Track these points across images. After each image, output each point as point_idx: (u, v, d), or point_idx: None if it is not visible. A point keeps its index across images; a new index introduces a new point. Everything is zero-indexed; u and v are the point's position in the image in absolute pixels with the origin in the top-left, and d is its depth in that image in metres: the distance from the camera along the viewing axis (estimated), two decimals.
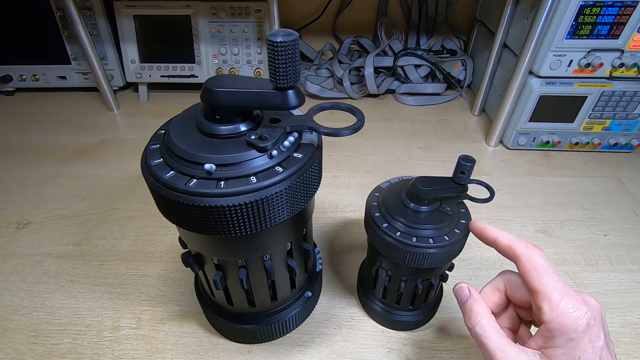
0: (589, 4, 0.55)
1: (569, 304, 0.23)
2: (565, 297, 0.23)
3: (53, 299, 0.45)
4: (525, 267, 0.25)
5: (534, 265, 0.25)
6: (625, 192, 0.61)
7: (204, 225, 0.27)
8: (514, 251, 0.26)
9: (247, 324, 0.38)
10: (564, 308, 0.23)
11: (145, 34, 0.79)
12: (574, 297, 0.23)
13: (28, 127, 0.77)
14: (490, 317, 0.26)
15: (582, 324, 0.22)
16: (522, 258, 0.25)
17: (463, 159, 0.31)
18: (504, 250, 0.27)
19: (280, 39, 0.23)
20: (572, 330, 0.23)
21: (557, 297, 0.23)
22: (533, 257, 0.25)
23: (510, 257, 0.26)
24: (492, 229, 0.29)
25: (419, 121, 0.80)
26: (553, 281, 0.24)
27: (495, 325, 0.26)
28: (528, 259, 0.25)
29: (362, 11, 0.93)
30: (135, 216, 0.56)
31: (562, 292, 0.23)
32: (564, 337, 0.23)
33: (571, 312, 0.23)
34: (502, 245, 0.27)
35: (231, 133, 0.28)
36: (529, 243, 0.26)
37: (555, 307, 0.23)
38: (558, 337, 0.23)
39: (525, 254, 0.25)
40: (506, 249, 0.27)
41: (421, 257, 0.33)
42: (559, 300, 0.23)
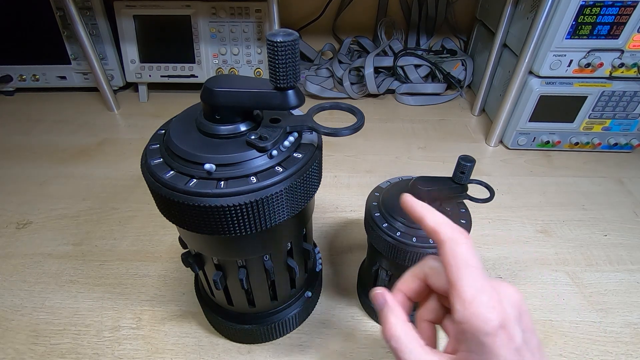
0: (589, 4, 0.55)
1: (482, 304, 0.20)
2: (480, 295, 0.20)
3: (53, 299, 0.45)
4: (447, 256, 0.22)
5: (455, 254, 0.22)
6: (625, 192, 0.61)
7: (204, 225, 0.27)
8: (438, 236, 0.23)
9: (247, 324, 0.38)
10: (476, 308, 0.20)
11: (145, 34, 0.79)
12: (489, 294, 0.20)
13: (28, 127, 0.77)
14: (405, 326, 0.24)
15: (493, 325, 0.20)
16: (445, 245, 0.22)
17: (463, 159, 0.31)
18: (430, 233, 0.24)
19: (280, 39, 0.23)
20: (483, 334, 0.20)
21: (470, 296, 0.20)
22: (456, 246, 0.22)
23: (435, 242, 0.23)
24: (422, 206, 0.25)
25: (419, 121, 0.80)
26: (471, 276, 0.21)
27: (410, 334, 0.23)
28: (450, 247, 0.22)
29: (362, 11, 0.93)
30: (135, 216, 0.56)
31: (477, 290, 0.20)
32: (475, 341, 0.20)
33: (483, 313, 0.20)
34: (427, 227, 0.24)
35: (231, 133, 0.28)
36: (457, 228, 0.23)
37: (468, 306, 0.20)
38: (469, 341, 0.20)
39: (449, 240, 0.22)
40: (431, 232, 0.23)
41: (421, 257, 0.33)
42: (472, 300, 0.20)
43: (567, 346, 0.41)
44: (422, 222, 0.24)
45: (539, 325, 0.43)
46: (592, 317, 0.44)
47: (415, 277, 0.26)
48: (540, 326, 0.43)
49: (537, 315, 0.44)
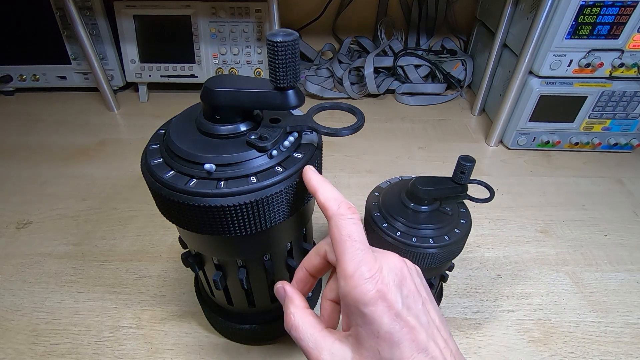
0: (589, 4, 0.55)
1: (361, 276, 0.20)
2: (361, 266, 0.20)
3: (53, 299, 0.45)
4: (332, 231, 0.22)
5: (340, 229, 0.21)
6: (625, 192, 0.61)
7: (204, 225, 0.27)
8: (327, 211, 0.22)
9: (247, 324, 0.38)
10: (356, 281, 0.20)
11: (145, 34, 0.79)
12: (369, 265, 0.20)
13: (28, 127, 0.77)
14: (303, 313, 0.24)
15: (372, 296, 0.19)
16: (331, 220, 0.22)
17: (463, 159, 0.31)
18: (321, 207, 0.23)
19: (280, 39, 0.23)
20: (362, 305, 0.20)
21: (351, 269, 0.20)
22: (341, 221, 0.21)
23: (326, 218, 0.23)
24: (317, 180, 0.25)
25: (419, 121, 0.80)
26: (352, 250, 0.21)
27: (307, 321, 0.23)
28: (336, 222, 0.22)
29: (362, 11, 0.93)
30: (135, 216, 0.56)
31: (358, 262, 0.20)
32: (358, 313, 0.20)
33: (362, 284, 0.20)
34: (319, 202, 0.23)
35: (231, 133, 0.28)
36: (344, 203, 0.22)
37: (349, 280, 0.20)
38: (354, 314, 0.20)
39: (335, 216, 0.22)
40: (322, 207, 0.23)
41: (421, 257, 0.33)
42: (352, 273, 0.20)
43: (567, 346, 0.41)
44: (315, 196, 0.24)
45: (539, 325, 0.43)
46: (592, 317, 0.44)
47: (316, 254, 0.26)
48: (540, 326, 0.43)
49: (537, 315, 0.44)
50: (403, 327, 0.20)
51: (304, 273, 0.27)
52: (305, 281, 0.27)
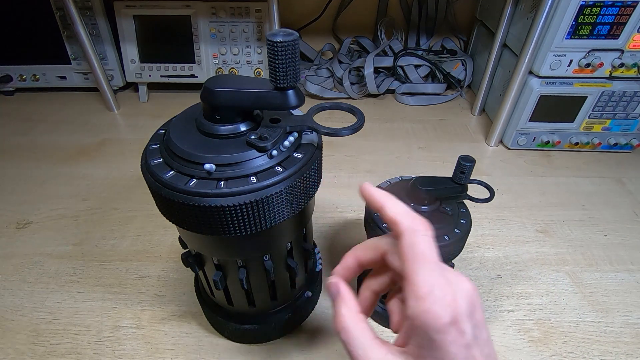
0: (589, 4, 0.55)
1: (435, 301, 0.19)
2: (434, 290, 0.20)
3: (53, 299, 0.45)
4: (404, 248, 0.21)
5: (413, 247, 0.21)
6: (625, 192, 0.61)
7: (204, 225, 0.27)
8: (397, 226, 0.22)
9: (247, 324, 0.38)
10: (429, 306, 0.19)
11: (145, 34, 0.79)
12: (443, 289, 0.20)
13: (28, 127, 0.77)
14: (356, 318, 0.23)
15: (444, 322, 0.19)
16: (403, 236, 0.21)
17: (463, 159, 0.31)
18: (389, 223, 0.23)
19: (280, 39, 0.23)
20: (433, 331, 0.19)
21: (424, 292, 0.20)
22: (415, 238, 0.21)
23: (394, 233, 0.22)
24: (382, 195, 0.24)
25: (419, 121, 0.80)
26: (426, 271, 0.20)
27: (360, 327, 0.22)
28: (409, 239, 0.21)
29: (362, 11, 0.93)
30: (135, 216, 0.56)
31: (431, 285, 0.20)
32: (426, 337, 0.19)
33: (435, 310, 0.19)
34: (387, 217, 0.23)
35: (231, 133, 0.28)
36: (417, 218, 0.22)
37: (421, 303, 0.19)
38: (420, 337, 0.20)
39: (408, 232, 0.21)
40: (391, 223, 0.22)
41: None
42: (425, 296, 0.19)
43: (567, 346, 0.41)
44: (382, 212, 0.23)
45: (539, 325, 0.43)
46: (592, 317, 0.44)
47: (374, 250, 0.26)
48: (540, 326, 0.43)
49: (537, 315, 0.44)
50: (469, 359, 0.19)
51: (354, 263, 0.26)
52: (352, 270, 0.27)
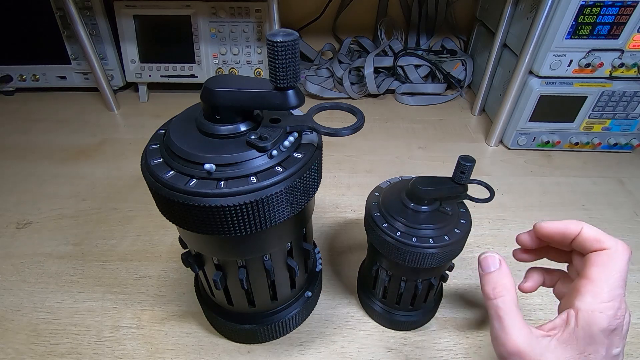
0: (589, 4, 0.55)
1: (611, 308, 0.23)
2: (614, 302, 0.23)
3: (53, 299, 0.45)
4: (605, 257, 0.25)
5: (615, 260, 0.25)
6: (625, 192, 0.61)
7: (204, 225, 0.27)
8: (602, 244, 0.26)
9: (247, 324, 0.38)
10: (604, 308, 0.23)
11: (145, 34, 0.79)
12: (621, 306, 0.23)
13: (28, 127, 0.77)
14: (515, 294, 0.26)
15: (609, 329, 0.23)
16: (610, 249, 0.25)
17: (463, 159, 0.31)
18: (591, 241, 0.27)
19: (280, 39, 0.23)
20: (599, 330, 0.23)
21: (606, 297, 0.23)
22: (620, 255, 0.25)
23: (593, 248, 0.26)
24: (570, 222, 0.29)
25: (419, 121, 0.80)
26: (615, 284, 0.24)
27: (517, 303, 0.25)
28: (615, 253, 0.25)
29: (362, 11, 0.93)
30: (135, 216, 0.56)
31: (614, 297, 0.23)
32: (587, 332, 0.23)
33: (608, 316, 0.23)
34: (588, 236, 0.28)
35: (231, 133, 0.27)
36: (622, 242, 0.26)
37: (599, 304, 0.23)
38: (582, 329, 0.23)
39: (615, 247, 0.25)
40: (594, 241, 0.27)
41: (421, 257, 0.33)
42: (606, 301, 0.23)
43: None
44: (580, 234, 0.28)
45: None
46: None
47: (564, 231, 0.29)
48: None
49: (537, 315, 0.44)
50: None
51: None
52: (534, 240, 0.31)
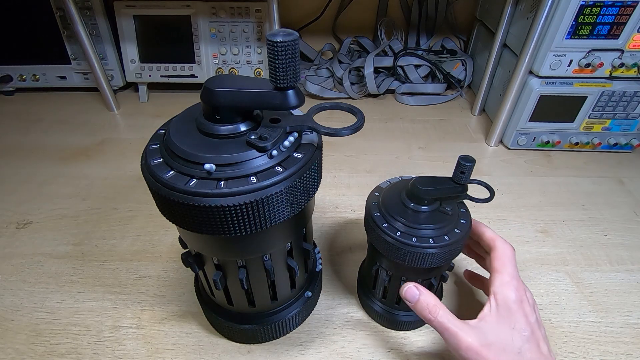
0: (589, 4, 0.55)
1: (513, 284, 0.32)
2: (513, 281, 0.32)
3: (53, 299, 0.45)
4: (499, 253, 0.34)
5: (505, 255, 0.33)
6: (625, 192, 0.61)
7: (204, 225, 0.27)
8: (495, 242, 0.35)
9: (247, 324, 0.38)
10: (510, 285, 0.31)
11: (145, 34, 0.79)
12: (518, 281, 0.32)
13: (28, 127, 0.77)
14: (443, 306, 0.32)
15: (518, 300, 0.31)
16: (500, 247, 0.34)
17: (463, 159, 0.31)
18: (489, 241, 0.35)
19: (280, 39, 0.23)
20: (512, 302, 0.31)
21: (507, 280, 0.32)
22: (508, 251, 0.34)
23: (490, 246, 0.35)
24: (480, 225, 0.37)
25: (419, 121, 0.80)
26: (510, 270, 0.33)
27: (448, 311, 0.32)
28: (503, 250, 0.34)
29: (362, 11, 0.93)
30: (135, 216, 0.56)
31: (512, 278, 0.32)
32: (505, 307, 0.31)
33: (513, 289, 0.31)
34: (487, 237, 0.36)
35: (231, 133, 0.27)
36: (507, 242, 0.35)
37: (505, 284, 0.32)
38: (501, 307, 0.31)
39: (502, 246, 0.34)
40: (490, 240, 0.35)
41: (421, 257, 0.33)
42: (509, 281, 0.32)
43: (567, 346, 0.41)
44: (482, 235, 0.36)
45: None
46: (592, 317, 0.44)
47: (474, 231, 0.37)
48: None
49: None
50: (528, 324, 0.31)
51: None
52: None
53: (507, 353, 0.29)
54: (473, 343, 0.29)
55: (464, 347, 0.29)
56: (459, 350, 0.30)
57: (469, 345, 0.29)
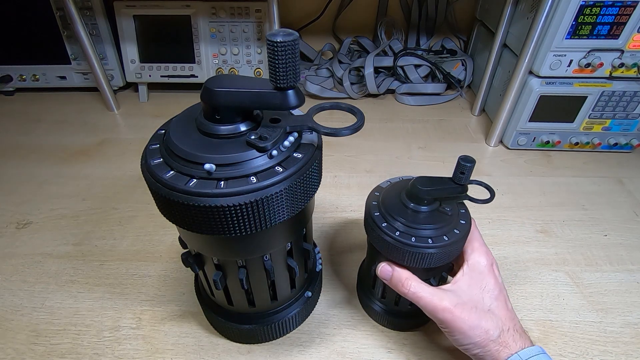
0: (589, 4, 0.55)
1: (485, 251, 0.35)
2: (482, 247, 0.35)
3: (53, 299, 0.45)
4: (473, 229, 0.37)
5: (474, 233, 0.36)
6: (625, 192, 0.61)
7: (204, 225, 0.27)
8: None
9: (247, 324, 0.38)
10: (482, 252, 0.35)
11: (145, 34, 0.79)
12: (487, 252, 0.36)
13: (28, 127, 0.77)
14: (415, 277, 0.34)
15: (488, 263, 0.35)
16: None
17: (463, 159, 0.31)
18: None
19: (280, 39, 0.23)
20: (484, 266, 0.34)
21: (477, 245, 0.35)
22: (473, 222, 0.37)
23: None
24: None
25: (419, 121, 0.80)
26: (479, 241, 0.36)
27: (420, 281, 0.34)
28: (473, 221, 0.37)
29: (362, 11, 0.93)
30: (135, 216, 0.56)
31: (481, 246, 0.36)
32: (477, 271, 0.34)
33: (483, 255, 0.35)
34: None
35: (231, 133, 0.27)
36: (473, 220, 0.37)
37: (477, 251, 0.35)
38: (473, 271, 0.34)
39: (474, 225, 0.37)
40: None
41: (420, 257, 0.33)
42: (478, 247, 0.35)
43: (567, 346, 0.41)
44: None
45: (539, 325, 0.43)
46: (592, 317, 0.44)
47: None
48: (540, 326, 0.43)
49: (537, 315, 0.44)
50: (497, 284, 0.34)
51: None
52: None
53: (478, 310, 0.32)
54: (447, 305, 0.32)
55: (439, 309, 0.32)
56: (435, 314, 0.33)
57: (444, 307, 0.32)
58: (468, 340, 0.32)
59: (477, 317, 0.32)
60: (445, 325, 0.33)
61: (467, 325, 0.31)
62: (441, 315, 0.32)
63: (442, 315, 0.32)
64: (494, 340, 0.31)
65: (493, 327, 0.31)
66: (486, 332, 0.31)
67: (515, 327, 0.33)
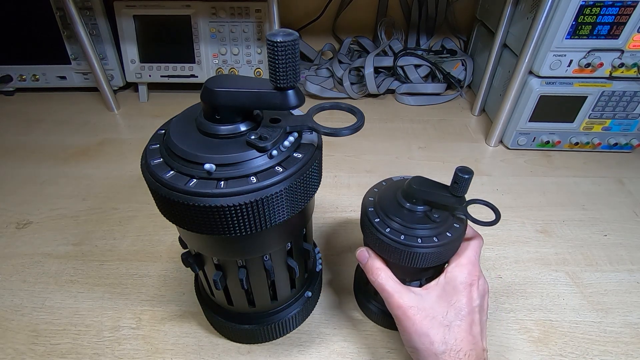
0: (589, 4, 0.55)
1: (468, 268, 0.33)
2: (469, 265, 0.33)
3: (53, 299, 0.45)
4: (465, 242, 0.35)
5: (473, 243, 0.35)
6: (625, 192, 0.61)
7: (204, 225, 0.27)
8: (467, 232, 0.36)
9: (247, 324, 0.38)
10: (463, 268, 0.33)
11: (145, 34, 0.79)
12: (475, 269, 0.33)
13: (28, 127, 0.77)
14: (387, 270, 0.35)
15: (467, 282, 0.32)
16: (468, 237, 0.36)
17: (460, 170, 0.30)
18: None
19: (280, 39, 0.23)
20: (459, 283, 0.32)
21: (464, 262, 0.33)
22: (475, 240, 0.35)
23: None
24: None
25: (419, 121, 0.80)
26: (470, 254, 0.34)
27: (391, 275, 0.34)
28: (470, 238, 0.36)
29: (362, 11, 0.93)
30: (135, 216, 0.56)
31: (469, 263, 0.33)
32: (451, 285, 0.33)
33: (465, 272, 0.33)
34: None
35: (231, 133, 0.27)
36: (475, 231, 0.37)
37: (458, 265, 0.33)
38: (447, 283, 0.33)
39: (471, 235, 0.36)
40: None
41: (414, 257, 0.33)
42: (464, 264, 0.33)
43: (567, 346, 0.41)
44: None
45: (539, 325, 0.43)
46: (592, 317, 0.44)
47: None
48: (540, 326, 0.43)
49: (537, 315, 0.44)
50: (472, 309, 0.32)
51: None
52: None
53: (434, 321, 0.31)
54: (403, 304, 0.32)
55: (395, 305, 0.33)
56: (391, 308, 0.33)
57: (399, 304, 0.32)
58: (411, 344, 0.32)
59: (428, 326, 0.31)
60: (397, 322, 0.33)
61: (414, 330, 0.31)
62: (395, 311, 0.33)
63: (395, 311, 0.33)
64: (436, 354, 0.30)
65: (440, 342, 0.30)
66: (431, 343, 0.31)
67: (472, 352, 0.30)
